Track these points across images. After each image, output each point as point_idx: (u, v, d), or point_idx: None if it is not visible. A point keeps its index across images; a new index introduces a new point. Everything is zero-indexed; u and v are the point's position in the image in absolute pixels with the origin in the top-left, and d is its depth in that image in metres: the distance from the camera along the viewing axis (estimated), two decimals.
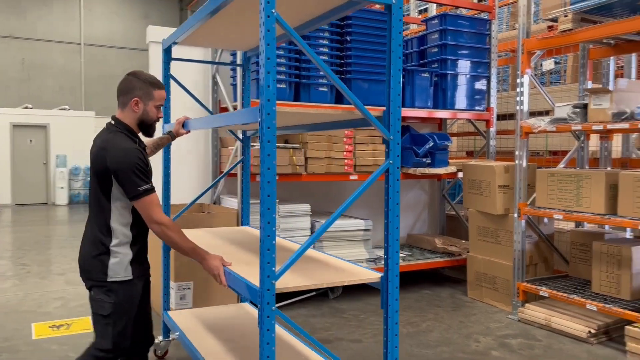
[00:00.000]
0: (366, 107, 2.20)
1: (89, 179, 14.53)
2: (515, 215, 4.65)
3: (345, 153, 4.99)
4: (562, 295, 4.26)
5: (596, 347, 3.97)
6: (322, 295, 5.18)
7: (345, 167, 5.00)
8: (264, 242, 2.00)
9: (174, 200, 5.13)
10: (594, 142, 5.27)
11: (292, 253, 2.79)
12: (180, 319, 3.59)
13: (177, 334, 3.42)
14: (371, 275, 2.39)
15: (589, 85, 5.03)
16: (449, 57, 5.57)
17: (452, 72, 5.61)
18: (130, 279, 2.49)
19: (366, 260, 5.04)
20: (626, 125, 3.83)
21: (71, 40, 17.12)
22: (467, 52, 5.70)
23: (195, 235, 3.42)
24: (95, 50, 17.46)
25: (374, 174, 2.27)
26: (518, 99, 4.62)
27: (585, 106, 4.22)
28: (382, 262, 5.09)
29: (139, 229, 2.55)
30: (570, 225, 5.29)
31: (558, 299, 4.34)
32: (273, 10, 1.95)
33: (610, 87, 4.86)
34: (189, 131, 3.30)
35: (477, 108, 5.83)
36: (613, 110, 3.97)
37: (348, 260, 2.74)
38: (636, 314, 3.76)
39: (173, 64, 3.75)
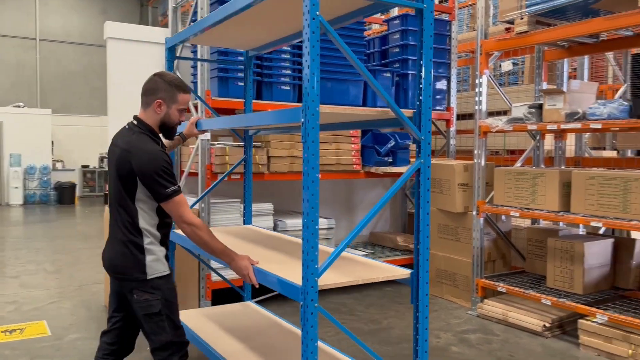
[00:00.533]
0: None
1: (44, 178, 13.86)
2: (474, 213, 4.75)
3: None
4: (519, 290, 4.37)
5: (551, 340, 4.10)
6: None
7: None
8: (308, 241, 2.07)
9: None
10: (549, 142, 5.43)
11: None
12: (188, 319, 3.58)
13: None
14: (401, 272, 2.47)
15: (544, 86, 5.18)
16: (410, 57, 5.64)
17: (413, 72, 5.68)
18: (168, 273, 2.53)
19: None
20: (578, 125, 3.96)
21: (26, 35, 16.53)
22: None
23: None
24: (52, 46, 16.91)
25: (406, 173, 2.33)
26: (477, 99, 4.72)
27: (540, 106, 4.34)
28: None
29: (166, 230, 2.57)
30: (527, 223, 5.44)
31: (515, 294, 4.45)
32: (317, 13, 2.01)
33: (564, 88, 5.01)
34: (205, 131, 3.28)
35: (437, 108, 5.93)
36: (566, 110, 4.09)
37: None
38: (588, 307, 3.89)
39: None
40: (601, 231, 5.03)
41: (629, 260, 4.35)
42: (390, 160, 5.45)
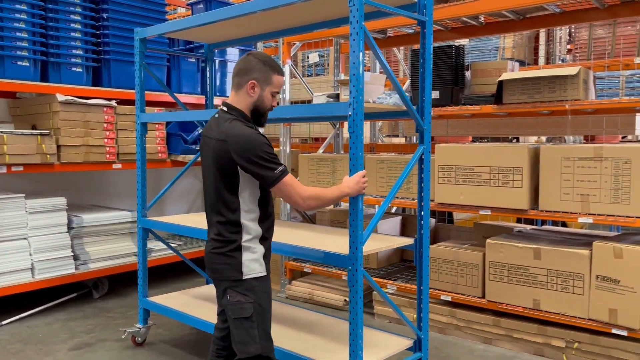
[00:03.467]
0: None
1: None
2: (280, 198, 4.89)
3: (106, 140, 4.62)
4: (322, 269, 4.64)
5: None
6: (84, 296, 4.77)
7: (107, 156, 4.64)
8: (357, 216, 2.41)
9: None
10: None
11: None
12: (174, 303, 3.68)
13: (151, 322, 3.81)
14: (407, 240, 3.06)
15: (342, 77, 5.52)
16: None
17: (221, 59, 5.62)
18: (265, 274, 2.38)
19: (134, 254, 4.78)
20: None
21: None
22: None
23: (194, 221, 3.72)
24: None
25: (411, 161, 2.75)
26: None
27: (337, 96, 4.61)
28: (154, 254, 4.89)
29: (267, 225, 2.41)
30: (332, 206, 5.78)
31: (319, 274, 4.71)
32: (364, 23, 2.32)
33: None
34: None
35: None
36: None
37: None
38: (381, 280, 4.29)
39: None
40: (393, 210, 5.58)
41: (414, 234, 4.88)
42: (198, 148, 5.33)
